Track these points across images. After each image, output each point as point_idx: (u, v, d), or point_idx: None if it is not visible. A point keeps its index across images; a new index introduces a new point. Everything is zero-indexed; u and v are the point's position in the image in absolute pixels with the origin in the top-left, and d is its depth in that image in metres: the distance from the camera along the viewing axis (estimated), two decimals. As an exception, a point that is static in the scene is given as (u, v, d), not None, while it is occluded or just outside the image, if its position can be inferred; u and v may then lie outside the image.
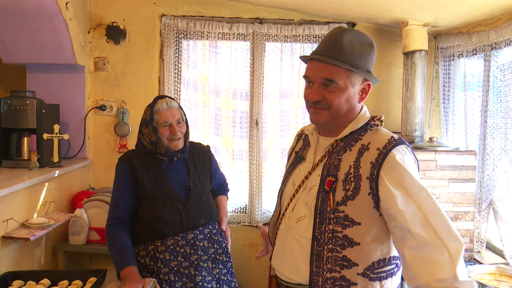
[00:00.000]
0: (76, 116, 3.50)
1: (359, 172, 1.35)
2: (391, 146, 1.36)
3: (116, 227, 2.14)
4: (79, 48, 3.27)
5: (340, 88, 1.40)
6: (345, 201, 1.35)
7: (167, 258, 2.09)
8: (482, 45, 3.01)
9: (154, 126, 2.16)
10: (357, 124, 1.46)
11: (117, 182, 2.20)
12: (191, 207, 2.17)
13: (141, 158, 2.21)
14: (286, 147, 3.81)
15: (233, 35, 3.63)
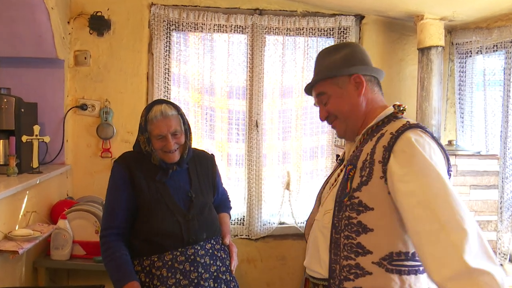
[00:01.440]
0: (53, 116, 3.49)
1: (373, 157, 1.48)
2: (404, 129, 1.47)
3: (112, 238, 2.14)
4: (59, 40, 3.28)
5: (331, 95, 1.65)
6: (360, 187, 1.49)
7: (164, 275, 2.09)
8: (503, 41, 3.14)
9: (148, 137, 2.18)
10: (380, 117, 1.60)
11: (113, 187, 2.20)
12: (192, 219, 2.18)
13: (140, 162, 2.21)
14: (288, 151, 3.87)
15: (230, 28, 3.68)
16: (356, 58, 1.66)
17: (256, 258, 3.89)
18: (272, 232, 3.84)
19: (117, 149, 3.62)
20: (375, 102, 1.65)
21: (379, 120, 1.59)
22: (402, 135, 1.46)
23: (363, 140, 1.60)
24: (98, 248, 2.95)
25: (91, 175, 3.64)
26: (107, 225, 2.17)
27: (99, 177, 3.61)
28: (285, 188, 3.86)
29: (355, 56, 1.66)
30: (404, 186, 1.40)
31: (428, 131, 1.51)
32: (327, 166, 3.87)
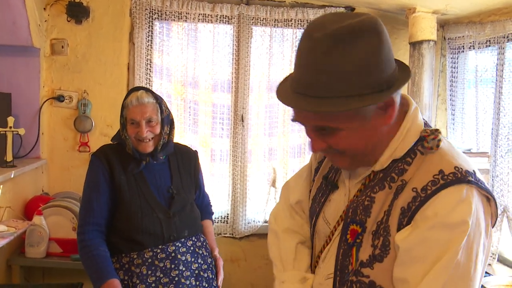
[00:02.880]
0: (28, 108, 3.46)
1: (388, 221, 1.11)
2: (438, 187, 1.05)
3: (90, 235, 2.15)
4: (35, 28, 3.26)
5: (344, 129, 1.11)
6: (372, 263, 1.13)
7: (143, 273, 2.12)
8: (496, 36, 3.21)
9: (123, 123, 2.22)
10: (401, 146, 1.16)
11: (91, 181, 2.21)
12: (173, 216, 2.21)
13: (119, 156, 2.24)
14: (274, 147, 3.91)
15: (216, 18, 3.69)
16: (387, 60, 1.08)
17: (240, 257, 3.92)
18: (257, 231, 3.87)
19: (96, 143, 3.60)
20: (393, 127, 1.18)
21: (403, 152, 1.16)
22: (431, 198, 1.06)
23: (376, 178, 1.18)
24: (76, 246, 2.97)
25: (68, 170, 3.63)
26: (84, 221, 2.18)
27: (76, 172, 3.61)
28: (271, 185, 3.90)
29: (384, 58, 1.07)
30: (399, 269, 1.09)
31: (475, 181, 1.08)
32: (314, 163, 3.90)
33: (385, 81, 1.07)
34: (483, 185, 1.09)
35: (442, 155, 1.12)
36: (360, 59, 1.03)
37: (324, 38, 1.03)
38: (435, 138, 1.12)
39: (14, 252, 3.05)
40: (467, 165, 1.11)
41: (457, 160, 1.11)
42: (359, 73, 1.04)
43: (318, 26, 1.06)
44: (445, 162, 1.10)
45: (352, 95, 1.04)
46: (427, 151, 1.13)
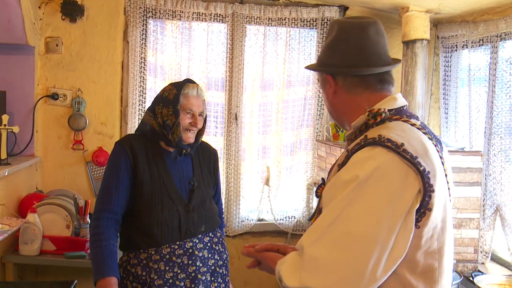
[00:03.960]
0: (22, 106, 3.46)
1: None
2: (357, 148, 1.34)
3: (106, 223, 2.14)
4: (30, 26, 3.27)
5: (321, 86, 1.61)
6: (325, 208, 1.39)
7: (161, 269, 2.14)
8: (489, 35, 3.24)
9: (177, 109, 2.21)
10: (357, 123, 1.45)
11: (113, 168, 2.20)
12: (192, 211, 2.23)
13: (144, 146, 2.24)
14: (267, 146, 3.93)
15: (210, 16, 3.71)
16: (335, 50, 1.50)
17: (234, 255, 3.93)
18: (250, 229, 3.90)
19: (90, 141, 3.64)
20: (356, 105, 1.48)
21: (355, 129, 1.45)
22: (354, 155, 1.33)
23: (346, 147, 1.51)
24: (69, 244, 3.03)
25: (62, 168, 3.64)
26: (102, 208, 2.17)
27: (70, 170, 3.63)
28: (265, 183, 3.92)
29: (335, 47, 1.50)
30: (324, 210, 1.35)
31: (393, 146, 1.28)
32: (307, 162, 3.94)
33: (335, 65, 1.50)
34: (406, 155, 1.26)
35: (379, 128, 1.37)
36: (324, 45, 1.55)
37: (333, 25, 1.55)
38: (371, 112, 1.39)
39: (7, 250, 3.06)
40: (396, 138, 1.30)
41: (388, 132, 1.32)
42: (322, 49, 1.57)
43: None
44: (375, 132, 1.35)
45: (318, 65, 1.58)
46: (373, 124, 1.40)
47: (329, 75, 1.52)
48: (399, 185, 1.25)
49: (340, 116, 1.57)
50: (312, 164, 3.93)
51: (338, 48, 1.49)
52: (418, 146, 1.31)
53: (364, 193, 1.24)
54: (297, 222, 3.96)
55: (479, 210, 3.11)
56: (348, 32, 1.49)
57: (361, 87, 1.48)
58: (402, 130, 1.36)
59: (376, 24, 1.49)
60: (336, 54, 1.50)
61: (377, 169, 1.25)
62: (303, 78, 3.90)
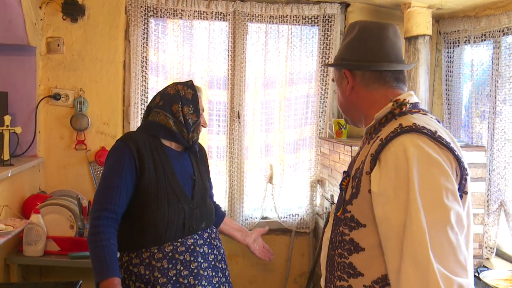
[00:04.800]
0: (24, 106, 3.46)
1: (363, 166, 1.39)
2: (394, 135, 1.34)
3: (106, 222, 2.10)
4: (31, 26, 3.26)
5: (336, 84, 1.65)
6: (351, 200, 1.40)
7: (165, 267, 2.13)
8: (491, 30, 3.21)
9: (198, 108, 2.29)
10: (381, 114, 1.48)
11: (116, 167, 2.15)
12: (196, 208, 2.24)
13: (147, 143, 2.21)
14: (270, 144, 3.92)
15: (211, 14, 3.69)
16: (356, 46, 1.56)
17: (238, 254, 3.92)
18: (254, 227, 3.87)
19: (92, 141, 3.62)
20: (373, 100, 1.53)
21: (377, 120, 1.48)
22: (390, 142, 1.33)
23: (366, 140, 1.53)
24: (73, 244, 3.02)
25: (65, 168, 3.63)
26: (102, 206, 2.11)
27: (73, 170, 3.62)
28: (268, 181, 3.90)
29: (356, 44, 1.56)
30: (379, 209, 1.31)
31: (430, 133, 1.33)
32: (311, 159, 3.92)
33: (344, 58, 1.57)
34: (442, 141, 1.33)
35: (408, 118, 1.41)
36: (344, 44, 1.60)
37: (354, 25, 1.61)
38: (397, 101, 1.44)
39: (12, 251, 3.05)
40: (429, 126, 1.35)
41: (419, 122, 1.37)
42: (341, 48, 1.62)
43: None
44: (407, 121, 1.38)
45: (336, 61, 1.63)
46: (398, 113, 1.44)
47: (347, 70, 1.56)
48: (449, 168, 1.30)
49: (355, 112, 1.61)
50: (315, 161, 3.91)
51: (358, 45, 1.55)
52: (445, 135, 1.38)
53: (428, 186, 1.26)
54: (301, 219, 3.95)
55: (483, 205, 3.09)
56: (368, 31, 1.55)
57: (378, 83, 1.53)
58: (427, 120, 1.41)
59: (395, 27, 1.57)
60: (356, 51, 1.55)
61: (428, 156, 1.28)
62: (305, 76, 3.87)
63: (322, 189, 3.85)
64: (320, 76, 3.82)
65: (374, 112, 1.50)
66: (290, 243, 4.00)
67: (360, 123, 1.63)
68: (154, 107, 2.29)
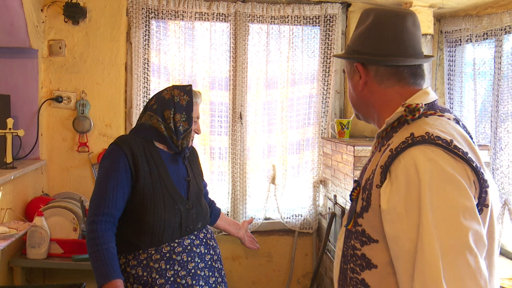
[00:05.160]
0: (27, 109, 3.45)
1: (373, 178, 1.29)
2: (405, 146, 1.22)
3: (103, 226, 2.08)
4: (33, 29, 3.24)
5: (346, 75, 1.52)
6: (362, 213, 1.31)
7: (162, 268, 2.13)
8: (493, 29, 3.20)
9: (191, 116, 2.26)
10: (391, 119, 1.35)
11: (111, 170, 2.13)
12: (191, 208, 2.24)
13: (141, 146, 2.21)
14: (273, 144, 3.90)
15: (212, 16, 3.68)
16: (371, 37, 1.40)
17: (241, 255, 3.91)
18: (257, 228, 3.87)
19: (95, 143, 3.61)
20: (387, 98, 1.41)
21: (388, 125, 1.36)
22: (400, 155, 1.21)
23: (378, 145, 1.40)
24: (77, 246, 3.00)
25: (68, 171, 3.62)
26: (98, 211, 2.10)
27: (75, 173, 3.61)
28: (271, 182, 3.88)
29: (370, 35, 1.40)
30: (389, 227, 1.21)
31: (444, 144, 1.20)
32: (313, 160, 3.90)
33: (356, 49, 1.43)
34: (458, 152, 1.19)
35: (421, 124, 1.27)
36: (356, 34, 1.46)
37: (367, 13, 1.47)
38: (409, 107, 1.30)
39: (15, 254, 3.04)
40: (444, 134, 1.22)
41: (433, 129, 1.24)
42: (352, 38, 1.48)
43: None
44: (420, 129, 1.25)
45: (348, 54, 1.48)
46: (411, 120, 1.30)
47: (359, 64, 1.43)
48: (466, 183, 1.17)
49: (367, 109, 1.48)
50: (318, 162, 3.89)
51: (373, 36, 1.40)
52: (463, 142, 1.25)
53: (442, 205, 1.15)
54: (304, 220, 3.93)
55: (487, 204, 3.07)
56: (385, 20, 1.39)
57: (394, 79, 1.40)
58: (442, 125, 1.28)
59: (414, 16, 1.42)
60: (370, 42, 1.40)
61: (441, 172, 1.16)
62: (307, 76, 3.86)
63: (325, 189, 3.83)
64: (322, 76, 3.80)
65: (388, 111, 1.38)
66: (293, 243, 3.98)
67: (372, 121, 1.50)
68: (148, 109, 2.29)
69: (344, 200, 3.28)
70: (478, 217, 1.16)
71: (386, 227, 1.22)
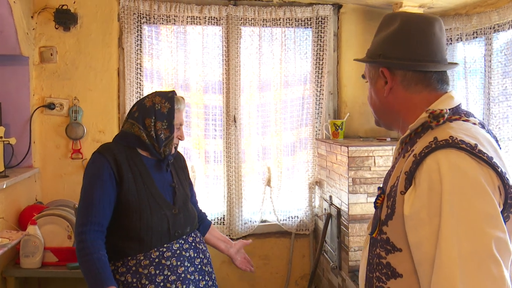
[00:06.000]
0: (19, 117, 3.38)
1: (398, 184, 1.25)
2: (428, 151, 1.18)
3: (92, 236, 2.05)
4: (23, 36, 3.18)
5: (368, 83, 1.47)
6: (387, 221, 1.27)
7: (152, 273, 2.09)
8: (483, 28, 3.17)
9: (172, 124, 2.21)
10: (415, 125, 1.31)
11: (95, 179, 2.10)
12: (178, 213, 2.21)
13: (124, 153, 2.18)
14: (267, 147, 3.85)
15: (204, 19, 3.63)
16: (398, 42, 1.36)
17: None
18: (254, 231, 3.81)
19: (88, 150, 3.53)
20: (413, 103, 1.36)
21: (412, 131, 1.32)
22: (424, 160, 1.17)
23: (401, 150, 1.36)
24: (71, 254, 2.93)
25: (61, 178, 3.55)
26: (86, 220, 2.06)
27: (69, 180, 3.54)
28: (266, 184, 3.83)
29: (398, 39, 1.36)
30: (412, 233, 1.18)
31: (469, 148, 1.15)
32: (308, 161, 3.86)
33: (381, 53, 1.38)
34: (482, 156, 1.15)
35: (444, 129, 1.23)
36: (381, 37, 1.41)
37: (388, 18, 1.43)
38: (433, 113, 1.25)
39: (8, 264, 2.95)
40: (468, 138, 1.17)
41: (457, 133, 1.19)
42: (375, 42, 1.43)
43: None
44: (443, 133, 1.20)
45: (372, 56, 1.42)
46: (435, 126, 1.25)
47: (386, 69, 1.37)
48: (490, 188, 1.13)
49: (390, 115, 1.43)
50: (312, 163, 3.84)
51: (401, 41, 1.36)
52: (488, 146, 1.21)
53: (464, 211, 1.11)
54: (301, 221, 3.88)
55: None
56: (413, 25, 1.35)
57: (422, 85, 1.35)
58: (467, 129, 1.23)
59: (440, 21, 1.38)
60: (398, 47, 1.36)
61: (464, 177, 1.12)
62: (300, 78, 3.82)
63: (320, 190, 3.78)
64: (315, 77, 3.76)
65: (413, 117, 1.33)
66: (290, 245, 3.93)
67: (395, 127, 1.46)
68: (130, 117, 2.26)
69: (339, 201, 3.24)
70: (503, 224, 1.11)
71: (409, 233, 1.18)
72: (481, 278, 1.07)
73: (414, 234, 1.17)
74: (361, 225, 3.06)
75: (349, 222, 3.06)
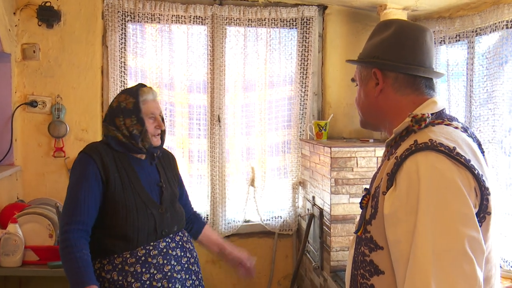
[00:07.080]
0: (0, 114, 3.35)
1: (380, 186, 1.30)
2: (408, 153, 1.22)
3: (76, 235, 2.05)
4: (5, 33, 3.14)
5: (358, 85, 1.50)
6: (371, 220, 1.32)
7: (138, 271, 2.09)
8: (465, 31, 3.19)
9: (141, 117, 2.18)
10: (399, 129, 1.35)
11: (81, 179, 2.11)
12: (165, 212, 2.21)
13: (110, 153, 2.18)
14: (251, 147, 3.84)
15: (189, 18, 3.61)
16: (393, 46, 1.41)
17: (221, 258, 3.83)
18: (237, 231, 3.80)
19: (71, 148, 3.50)
20: (401, 106, 1.40)
21: (397, 134, 1.36)
22: (404, 162, 1.22)
23: (387, 153, 1.41)
24: (52, 253, 2.89)
25: (43, 176, 3.50)
26: (70, 220, 2.07)
27: (51, 178, 3.50)
28: (250, 184, 3.83)
29: (393, 43, 1.41)
30: (390, 232, 1.22)
31: (447, 150, 1.19)
32: (292, 161, 3.85)
33: (375, 55, 1.42)
34: (460, 158, 1.19)
35: (426, 132, 1.27)
36: (377, 41, 1.45)
37: (382, 22, 1.50)
38: (415, 118, 1.29)
39: (-12, 263, 2.91)
40: (447, 141, 1.22)
41: (438, 136, 1.24)
42: (368, 44, 1.47)
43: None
44: (424, 136, 1.25)
45: (366, 58, 1.46)
46: (417, 129, 1.29)
47: (378, 70, 1.42)
48: (466, 190, 1.17)
49: (378, 117, 1.47)
50: (296, 163, 3.85)
51: (396, 45, 1.41)
52: (467, 149, 1.25)
53: (439, 210, 1.14)
54: (284, 221, 3.88)
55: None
56: (408, 32, 1.42)
57: (411, 89, 1.40)
58: (448, 133, 1.27)
59: (431, 32, 1.45)
60: (392, 50, 1.41)
61: (441, 178, 1.16)
62: (285, 78, 3.82)
63: (304, 190, 3.79)
64: (300, 78, 3.76)
65: (399, 120, 1.36)
66: (273, 245, 3.92)
67: (383, 128, 1.50)
68: (104, 120, 2.28)
69: (322, 201, 3.24)
70: (477, 224, 1.15)
71: (388, 231, 1.23)
72: (453, 275, 1.10)
73: (392, 232, 1.21)
74: (343, 226, 3.07)
75: (331, 223, 3.06)
